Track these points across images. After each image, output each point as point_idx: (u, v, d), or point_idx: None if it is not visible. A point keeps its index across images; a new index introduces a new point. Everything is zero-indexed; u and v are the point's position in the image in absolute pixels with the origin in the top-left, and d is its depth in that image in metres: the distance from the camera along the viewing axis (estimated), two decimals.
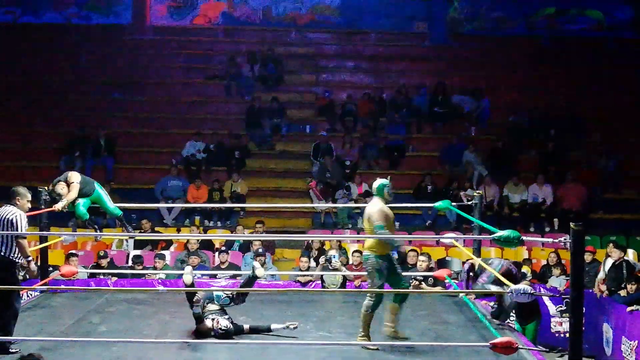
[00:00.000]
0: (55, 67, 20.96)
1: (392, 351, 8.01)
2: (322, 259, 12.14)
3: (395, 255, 9.11)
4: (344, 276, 11.88)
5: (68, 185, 9.58)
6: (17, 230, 7.76)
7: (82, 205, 9.64)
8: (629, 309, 11.58)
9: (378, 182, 8.47)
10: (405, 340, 8.32)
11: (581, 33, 22.45)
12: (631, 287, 11.88)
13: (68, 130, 18.85)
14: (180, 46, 22.12)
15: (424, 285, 11.26)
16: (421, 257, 11.60)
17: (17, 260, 7.83)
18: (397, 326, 8.47)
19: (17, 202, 7.99)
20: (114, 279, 12.12)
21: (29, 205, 8.19)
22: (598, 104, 20.00)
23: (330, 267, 11.93)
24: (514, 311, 10.65)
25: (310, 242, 14.34)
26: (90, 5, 22.78)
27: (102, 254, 13.13)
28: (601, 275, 12.64)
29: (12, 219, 7.79)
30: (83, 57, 21.24)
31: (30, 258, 7.85)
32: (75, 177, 9.65)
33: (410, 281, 10.84)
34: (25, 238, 7.84)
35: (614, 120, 19.57)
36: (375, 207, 8.31)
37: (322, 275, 11.97)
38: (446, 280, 11.12)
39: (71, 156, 18.05)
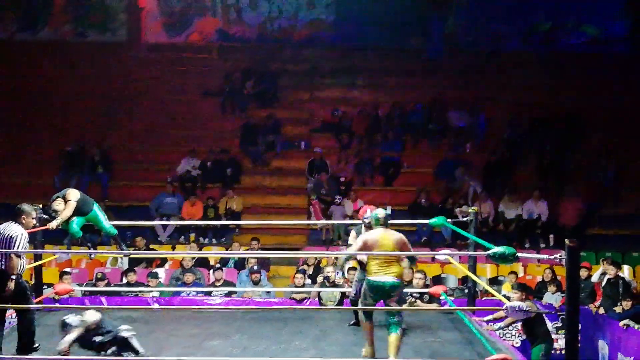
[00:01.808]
0: (50, 83, 20.93)
1: None
2: (320, 278, 12.08)
3: None
4: (342, 293, 11.83)
5: (65, 202, 9.51)
6: (14, 247, 7.80)
7: (76, 223, 9.57)
8: (621, 323, 11.62)
9: (384, 212, 8.20)
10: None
11: (577, 48, 22.49)
12: (626, 304, 11.90)
13: (63, 146, 18.80)
14: (175, 63, 22.09)
15: (419, 302, 11.27)
16: (417, 274, 11.59)
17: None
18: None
19: (23, 221, 8.08)
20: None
21: (34, 222, 8.34)
22: (595, 117, 19.99)
23: (327, 284, 11.89)
24: (520, 325, 10.57)
25: (305, 259, 14.32)
26: (86, 23, 22.79)
27: (99, 276, 13.06)
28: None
29: (13, 237, 7.87)
30: (78, 74, 21.20)
31: (13, 276, 7.86)
32: (73, 194, 9.48)
33: (407, 298, 10.86)
34: (19, 257, 7.87)
35: (611, 135, 19.55)
36: (399, 235, 8.06)
37: (319, 292, 11.92)
38: (442, 297, 11.11)
39: (66, 172, 18.01)
